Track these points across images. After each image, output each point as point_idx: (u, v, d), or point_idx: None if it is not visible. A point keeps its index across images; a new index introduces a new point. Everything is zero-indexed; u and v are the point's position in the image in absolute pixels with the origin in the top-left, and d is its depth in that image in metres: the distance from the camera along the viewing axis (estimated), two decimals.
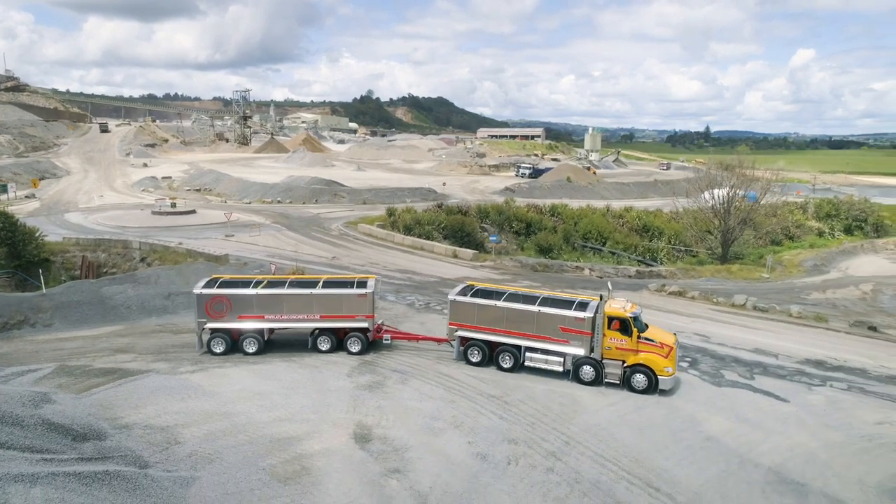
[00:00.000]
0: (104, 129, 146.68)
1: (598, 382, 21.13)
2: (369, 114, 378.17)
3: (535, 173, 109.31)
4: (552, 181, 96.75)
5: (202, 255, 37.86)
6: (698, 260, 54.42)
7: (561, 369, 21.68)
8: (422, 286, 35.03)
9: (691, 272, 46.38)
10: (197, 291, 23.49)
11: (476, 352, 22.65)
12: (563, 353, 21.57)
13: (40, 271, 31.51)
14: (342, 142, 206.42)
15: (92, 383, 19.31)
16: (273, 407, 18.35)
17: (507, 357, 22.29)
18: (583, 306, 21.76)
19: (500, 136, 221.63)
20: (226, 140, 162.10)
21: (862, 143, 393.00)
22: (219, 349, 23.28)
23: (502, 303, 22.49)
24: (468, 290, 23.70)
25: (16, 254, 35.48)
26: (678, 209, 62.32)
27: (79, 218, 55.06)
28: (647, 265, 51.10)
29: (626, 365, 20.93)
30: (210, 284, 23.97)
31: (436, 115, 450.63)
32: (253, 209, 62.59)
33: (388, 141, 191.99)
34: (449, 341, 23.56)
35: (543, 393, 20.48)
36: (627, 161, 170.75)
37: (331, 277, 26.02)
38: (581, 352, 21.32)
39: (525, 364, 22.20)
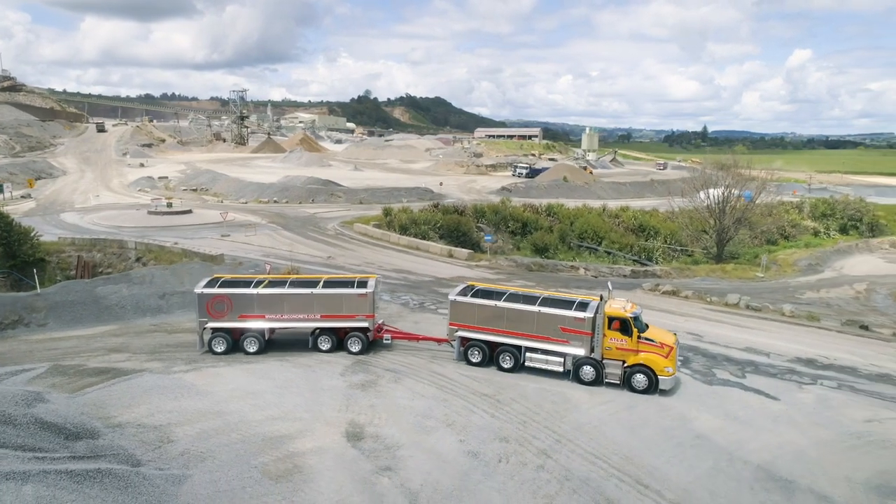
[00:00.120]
0: (101, 129, 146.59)
1: (599, 382, 21.11)
2: (367, 114, 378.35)
3: (532, 173, 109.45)
4: (549, 181, 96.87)
5: (198, 255, 37.88)
6: (693, 259, 54.49)
7: (561, 369, 21.66)
8: (417, 286, 35.11)
9: (686, 271, 46.52)
10: (198, 291, 23.55)
11: (476, 352, 22.65)
12: (564, 354, 21.57)
13: (34, 271, 31.50)
14: (339, 142, 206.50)
15: (85, 383, 19.36)
16: (266, 406, 18.43)
17: (508, 357, 22.27)
18: (583, 306, 21.74)
19: (498, 136, 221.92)
20: (223, 140, 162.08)
21: (858, 143, 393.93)
22: (220, 348, 23.35)
23: (502, 303, 22.47)
24: (468, 291, 23.68)
25: (11, 254, 35.43)
26: (674, 209, 62.46)
27: (74, 218, 55.00)
28: (643, 265, 51.23)
29: (627, 365, 20.91)
30: (211, 284, 24.03)
31: (433, 115, 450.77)
32: (249, 209, 62.61)
33: (386, 141, 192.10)
34: (449, 342, 23.53)
35: (535, 392, 20.58)
36: (624, 161, 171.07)
37: (331, 277, 26.06)
38: (581, 352, 21.32)
39: (525, 364, 22.15)
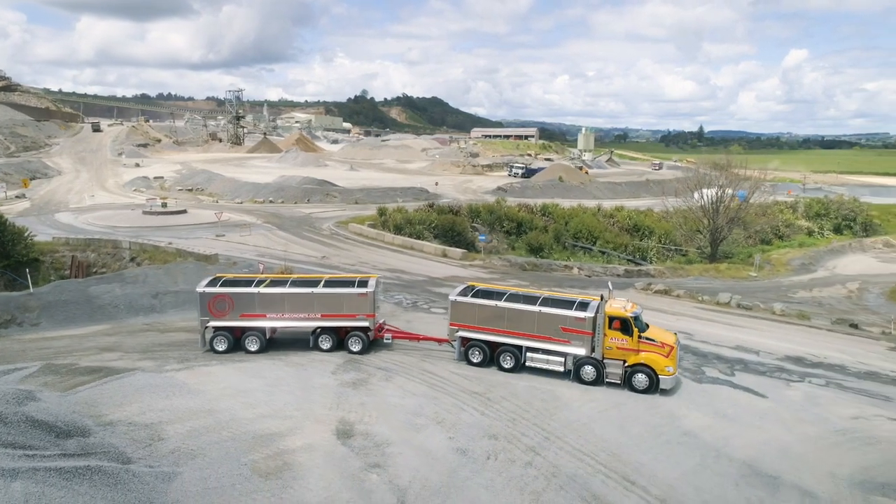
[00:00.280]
0: (96, 129, 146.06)
1: (600, 382, 21.13)
2: (363, 114, 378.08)
3: (528, 173, 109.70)
4: (544, 181, 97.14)
5: (192, 255, 37.97)
6: (687, 259, 54.77)
7: (562, 369, 21.69)
8: (410, 285, 35.24)
9: (680, 271, 46.76)
10: (200, 290, 23.63)
11: (477, 352, 22.66)
12: (564, 353, 21.59)
13: (27, 271, 31.54)
14: (336, 142, 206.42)
15: (77, 381, 19.39)
16: (257, 404, 18.51)
17: (508, 357, 22.27)
18: (583, 306, 21.74)
19: (494, 136, 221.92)
20: (219, 140, 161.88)
21: (854, 143, 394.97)
22: (221, 347, 23.43)
23: (503, 303, 22.47)
24: (469, 291, 23.70)
25: (4, 253, 35.44)
26: (668, 209, 62.73)
27: (69, 218, 55.02)
28: (637, 264, 51.46)
29: (627, 365, 20.93)
30: (213, 283, 24.11)
31: (430, 115, 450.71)
32: (244, 209, 62.67)
33: (382, 141, 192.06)
34: (450, 342, 23.54)
35: (526, 390, 20.72)
36: (620, 161, 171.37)
37: (333, 277, 26.18)
38: (582, 352, 21.34)
39: (526, 364, 22.16)
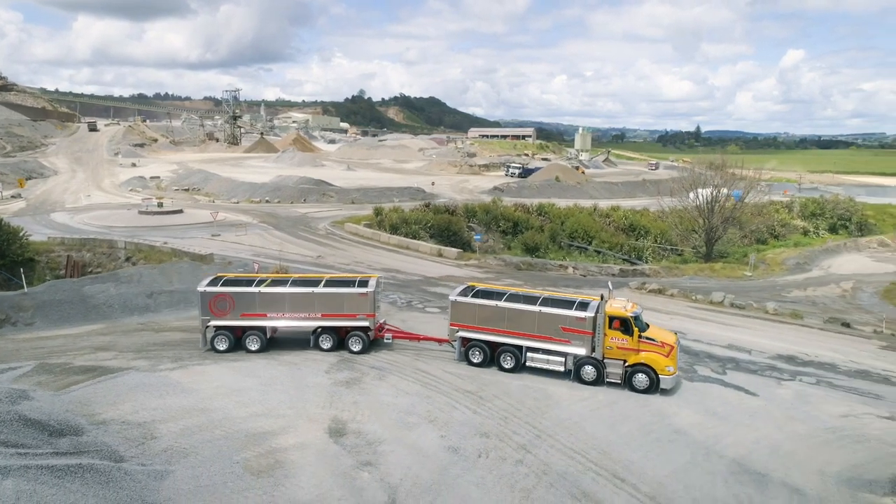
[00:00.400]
0: (92, 128, 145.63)
1: (600, 382, 21.19)
2: (361, 113, 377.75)
3: (525, 173, 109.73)
4: (541, 181, 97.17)
5: (187, 255, 37.99)
6: (683, 259, 54.95)
7: (562, 369, 21.74)
8: (405, 284, 35.32)
9: (675, 270, 46.93)
10: (201, 289, 23.70)
11: (477, 352, 22.68)
12: (565, 353, 21.64)
13: (21, 270, 31.53)
14: (333, 142, 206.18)
15: (71, 381, 19.46)
16: (250, 403, 18.59)
17: (509, 357, 22.30)
18: (584, 306, 21.79)
19: (492, 136, 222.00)
20: (216, 140, 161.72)
21: (851, 143, 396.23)
22: (222, 346, 23.51)
23: (503, 303, 22.50)
24: (469, 291, 23.75)
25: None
26: (664, 208, 62.89)
27: (65, 218, 54.95)
28: (632, 264, 51.64)
29: (628, 364, 20.99)
30: (214, 282, 24.18)
31: (428, 115, 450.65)
32: (241, 209, 62.67)
33: (379, 141, 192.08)
34: (450, 342, 23.57)
35: (518, 388, 20.82)
36: (617, 161, 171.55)
37: (333, 276, 26.26)
38: (582, 352, 21.39)
39: (526, 364, 22.20)
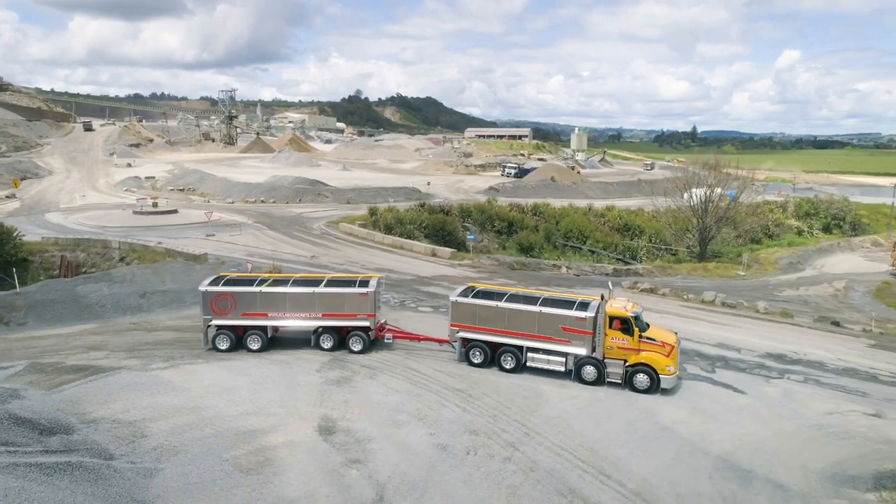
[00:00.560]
0: (88, 128, 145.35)
1: (601, 382, 21.27)
2: (357, 114, 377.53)
3: (521, 173, 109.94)
4: (537, 181, 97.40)
5: (181, 255, 38.06)
6: (677, 258, 55.20)
7: (563, 369, 21.79)
8: (398, 284, 35.43)
9: (668, 270, 47.16)
10: (202, 289, 23.80)
11: (478, 353, 22.72)
12: (565, 353, 21.67)
13: (14, 270, 31.56)
14: (329, 142, 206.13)
15: (63, 380, 19.52)
16: (241, 401, 18.70)
17: (509, 358, 22.34)
18: (584, 306, 21.84)
19: (488, 136, 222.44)
20: (212, 140, 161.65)
21: (846, 143, 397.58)
22: (223, 346, 23.63)
23: (504, 303, 22.53)
24: (469, 292, 23.78)
25: None
26: (658, 208, 63.14)
27: (59, 218, 54.94)
28: (626, 263, 51.85)
29: (628, 364, 21.04)
30: (215, 282, 24.28)
31: (424, 115, 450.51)
32: (236, 209, 62.71)
33: (375, 141, 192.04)
34: (451, 342, 23.61)
35: (507, 386, 20.97)
36: (613, 161, 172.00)
37: (334, 276, 26.38)
38: (583, 351, 21.44)
39: (527, 364, 22.25)
